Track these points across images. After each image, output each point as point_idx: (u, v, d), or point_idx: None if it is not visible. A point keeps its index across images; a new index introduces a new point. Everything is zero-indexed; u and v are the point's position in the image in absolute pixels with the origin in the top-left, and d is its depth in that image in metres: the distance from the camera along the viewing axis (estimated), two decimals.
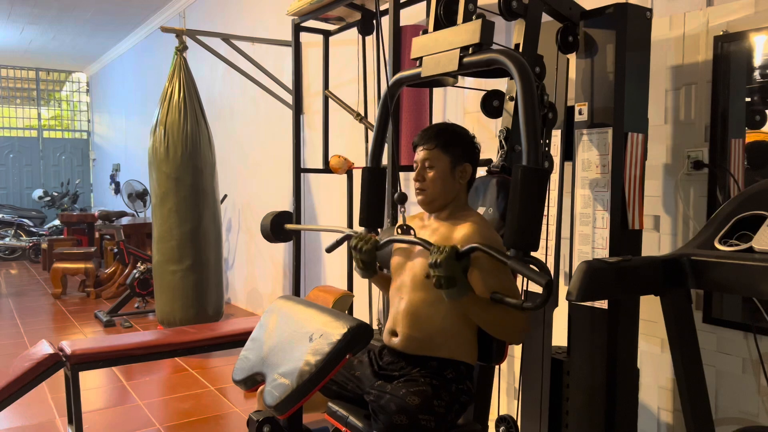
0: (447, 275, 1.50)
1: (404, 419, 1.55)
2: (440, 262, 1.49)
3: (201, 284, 4.37)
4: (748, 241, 1.48)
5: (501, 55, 1.51)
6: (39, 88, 11.97)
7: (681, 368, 1.61)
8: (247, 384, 1.72)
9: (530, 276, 1.37)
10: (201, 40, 4.19)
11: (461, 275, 1.53)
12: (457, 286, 1.52)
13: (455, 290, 1.52)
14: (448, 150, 1.73)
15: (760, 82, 1.94)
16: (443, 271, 1.50)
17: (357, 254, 1.80)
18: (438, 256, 1.50)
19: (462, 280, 1.53)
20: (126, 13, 7.81)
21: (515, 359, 2.67)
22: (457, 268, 1.51)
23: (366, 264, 1.81)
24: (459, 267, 1.52)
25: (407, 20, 3.22)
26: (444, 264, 1.49)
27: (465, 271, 1.54)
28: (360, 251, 1.79)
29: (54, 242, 7.54)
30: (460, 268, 1.52)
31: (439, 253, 1.50)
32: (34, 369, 2.50)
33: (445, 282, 1.51)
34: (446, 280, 1.51)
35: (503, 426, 2.19)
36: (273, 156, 5.28)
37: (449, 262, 1.50)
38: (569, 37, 1.90)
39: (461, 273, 1.53)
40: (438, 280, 1.52)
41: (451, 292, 1.53)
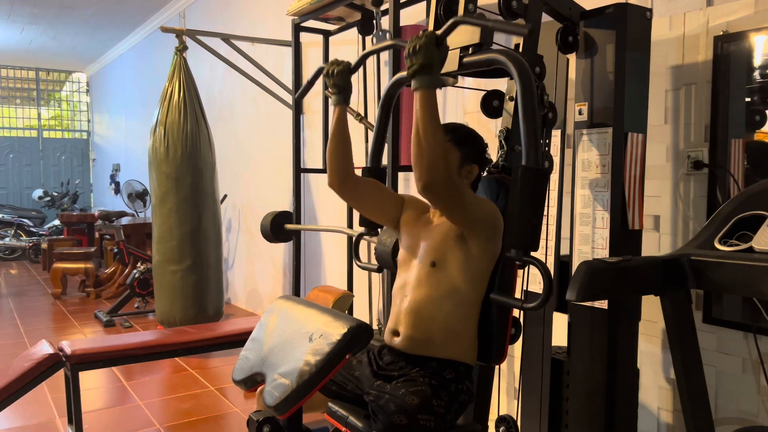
0: (424, 62, 1.46)
1: (403, 419, 1.55)
2: (419, 47, 1.45)
3: (201, 284, 4.37)
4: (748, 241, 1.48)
5: (501, 55, 1.51)
6: (39, 88, 11.98)
7: (681, 368, 1.61)
8: (247, 384, 1.72)
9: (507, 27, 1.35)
10: (201, 40, 4.19)
11: (438, 63, 1.48)
12: (433, 74, 1.47)
13: (428, 78, 1.47)
14: (461, 146, 1.73)
15: (760, 82, 1.94)
16: (421, 57, 1.45)
17: (330, 79, 1.76)
18: (417, 41, 1.46)
19: (438, 68, 1.48)
20: (126, 13, 7.81)
21: (515, 359, 2.67)
22: (436, 53, 1.46)
23: (340, 88, 1.77)
24: (437, 53, 1.47)
25: (407, 20, 3.22)
26: (423, 49, 1.45)
27: (442, 61, 1.50)
28: (332, 75, 1.76)
29: (54, 242, 7.54)
30: (438, 55, 1.47)
31: (419, 39, 1.46)
32: (34, 369, 2.50)
33: (421, 68, 1.46)
34: (422, 66, 1.46)
35: (503, 426, 2.19)
36: (273, 156, 5.28)
37: (428, 46, 1.45)
38: (569, 37, 1.90)
39: (438, 60, 1.48)
40: (414, 68, 1.46)
41: (425, 78, 1.47)
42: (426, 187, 1.51)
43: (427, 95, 1.48)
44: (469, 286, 1.67)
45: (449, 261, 1.67)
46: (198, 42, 4.19)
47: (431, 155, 1.48)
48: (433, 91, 1.49)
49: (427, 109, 1.48)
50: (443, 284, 1.67)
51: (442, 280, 1.67)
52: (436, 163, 1.48)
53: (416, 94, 1.49)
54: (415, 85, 1.48)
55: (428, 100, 1.48)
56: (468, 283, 1.67)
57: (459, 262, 1.66)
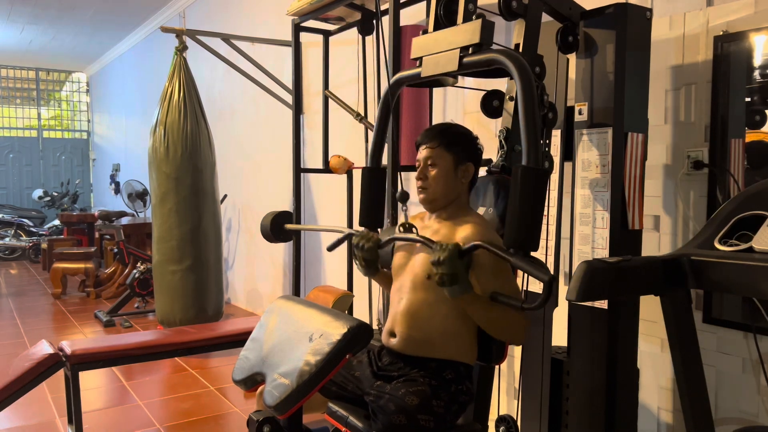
0: (449, 272, 1.50)
1: (403, 419, 1.55)
2: (443, 259, 1.50)
3: (201, 284, 4.37)
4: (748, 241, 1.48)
5: (501, 55, 1.51)
6: (39, 88, 11.97)
7: (681, 368, 1.61)
8: (247, 384, 1.72)
9: (533, 272, 1.37)
10: (201, 40, 4.19)
11: (464, 272, 1.53)
12: (459, 282, 1.52)
13: (457, 287, 1.53)
14: (451, 149, 1.73)
15: (760, 82, 1.94)
16: (446, 268, 1.50)
17: (359, 252, 1.80)
18: (441, 253, 1.50)
19: (464, 277, 1.53)
20: (126, 13, 7.81)
21: (515, 359, 2.67)
22: (460, 265, 1.51)
23: (368, 262, 1.81)
24: (461, 264, 1.52)
25: (407, 20, 3.22)
26: (447, 261, 1.49)
27: (467, 268, 1.55)
28: (362, 249, 1.79)
29: (54, 242, 7.54)
30: (463, 265, 1.52)
31: (442, 251, 1.51)
32: (34, 369, 2.50)
33: (447, 279, 1.51)
34: (449, 277, 1.51)
35: (503, 426, 2.19)
36: (273, 156, 5.28)
37: (452, 259, 1.50)
38: (569, 37, 1.90)
39: (464, 270, 1.53)
40: (441, 277, 1.52)
41: (454, 289, 1.53)
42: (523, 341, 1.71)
43: (465, 300, 1.57)
44: None
45: None
46: (198, 42, 4.19)
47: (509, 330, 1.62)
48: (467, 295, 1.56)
49: (474, 310, 1.60)
50: (439, 289, 1.67)
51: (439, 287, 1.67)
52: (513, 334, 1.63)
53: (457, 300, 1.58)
54: (450, 295, 1.56)
55: (469, 303, 1.58)
56: None
57: None
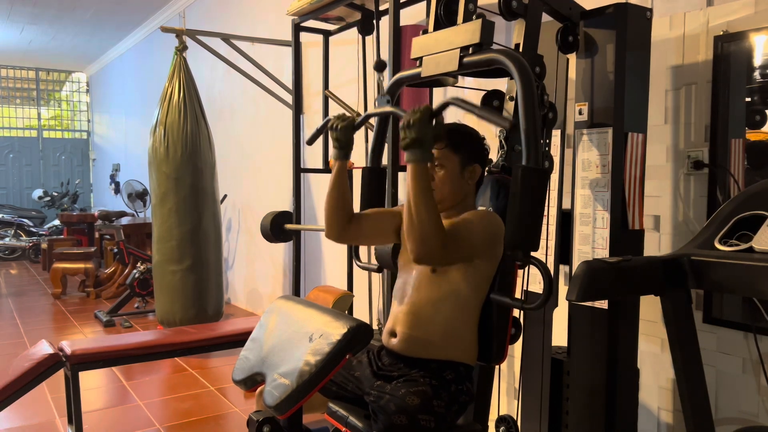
0: (417, 137, 1.49)
1: (404, 419, 1.55)
2: (413, 122, 1.48)
3: (201, 284, 4.37)
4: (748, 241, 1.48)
5: (501, 55, 1.51)
6: (39, 88, 11.97)
7: (681, 368, 1.61)
8: (247, 384, 1.72)
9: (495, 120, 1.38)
10: (201, 40, 4.19)
11: (431, 139, 1.51)
12: (424, 148, 1.50)
13: (419, 152, 1.50)
14: (459, 150, 1.73)
15: (760, 82, 1.94)
16: (414, 132, 1.48)
17: (333, 133, 1.78)
18: (411, 116, 1.49)
19: (430, 144, 1.51)
20: (126, 13, 7.81)
21: (515, 359, 2.67)
22: (429, 130, 1.50)
23: (341, 143, 1.78)
24: (431, 130, 1.50)
25: (407, 20, 3.22)
26: (417, 124, 1.48)
27: (434, 137, 1.53)
28: (336, 130, 1.77)
29: (54, 242, 7.54)
30: (432, 132, 1.51)
31: (413, 113, 1.49)
32: (34, 369, 2.50)
33: (413, 143, 1.49)
34: (416, 141, 1.49)
35: (503, 426, 2.19)
36: (273, 156, 5.28)
37: (422, 121, 1.48)
38: (569, 37, 1.90)
39: (431, 136, 1.51)
40: (407, 142, 1.49)
41: (415, 152, 1.50)
42: (419, 260, 1.54)
43: (418, 168, 1.51)
44: (471, 289, 1.67)
45: (450, 268, 1.67)
46: (198, 42, 4.19)
47: (423, 229, 1.50)
48: (425, 164, 1.52)
49: (419, 182, 1.51)
50: (444, 287, 1.67)
51: (443, 283, 1.67)
52: (429, 235, 1.50)
53: (408, 166, 1.52)
54: (408, 158, 1.51)
55: (420, 174, 1.51)
56: (470, 287, 1.67)
57: (461, 269, 1.66)
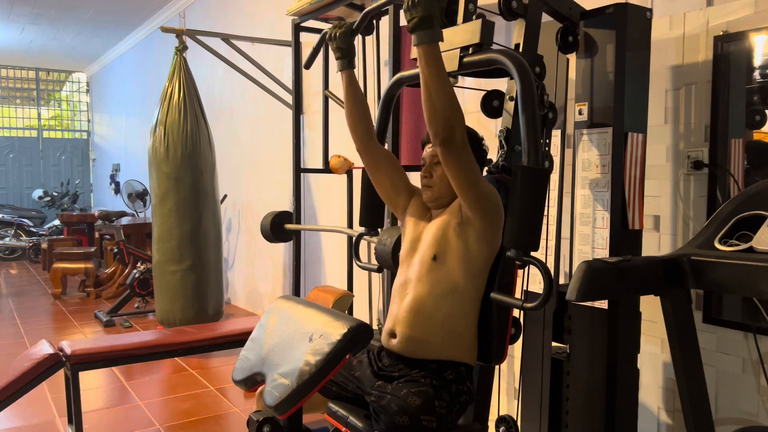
0: (424, 15, 1.42)
1: (406, 420, 1.55)
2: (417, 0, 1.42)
3: (201, 284, 4.37)
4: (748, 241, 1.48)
5: (501, 55, 1.51)
6: (39, 88, 11.97)
7: (681, 368, 1.61)
8: (247, 384, 1.72)
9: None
10: (201, 40, 4.19)
11: (438, 14, 1.44)
12: (433, 26, 1.44)
13: (430, 32, 1.44)
14: None
15: (760, 82, 1.94)
16: (420, 10, 1.42)
17: (333, 43, 1.74)
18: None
19: (438, 20, 1.45)
20: (126, 13, 7.81)
21: (515, 359, 2.67)
22: (435, 4, 1.43)
23: (342, 51, 1.74)
24: (437, 4, 1.44)
25: None
26: (422, 1, 1.42)
27: (442, 11, 1.48)
28: (335, 38, 1.74)
29: (54, 242, 7.54)
30: (438, 6, 1.44)
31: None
32: (34, 369, 2.50)
33: (420, 22, 1.43)
34: (422, 20, 1.42)
35: (503, 426, 2.19)
36: (273, 156, 5.28)
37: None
38: (569, 37, 1.90)
39: (438, 11, 1.45)
40: (414, 21, 1.43)
41: (426, 33, 1.44)
42: (444, 142, 1.49)
43: (430, 50, 1.44)
44: (469, 281, 1.66)
45: (449, 254, 1.67)
46: (198, 42, 4.19)
47: (445, 110, 1.46)
48: (436, 44, 1.45)
49: (433, 65, 1.45)
50: (444, 281, 1.67)
51: (443, 277, 1.67)
52: (451, 117, 1.46)
53: (419, 50, 1.45)
54: (416, 41, 1.44)
55: (432, 55, 1.45)
56: (467, 279, 1.66)
57: (458, 255, 1.66)
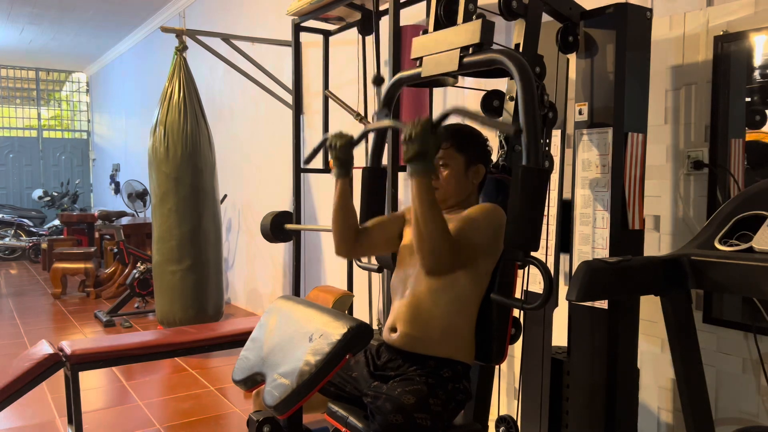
0: (420, 150, 1.48)
1: (400, 418, 1.55)
2: (415, 135, 1.47)
3: (201, 284, 4.37)
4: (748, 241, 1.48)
5: (501, 55, 1.51)
6: (39, 88, 11.97)
7: (681, 368, 1.61)
8: (247, 384, 1.72)
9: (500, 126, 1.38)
10: (201, 40, 4.19)
11: (433, 150, 1.50)
12: (427, 160, 1.50)
13: (423, 165, 1.50)
14: (463, 150, 1.73)
15: (760, 82, 1.94)
16: (417, 145, 1.48)
17: (332, 152, 1.77)
18: (412, 129, 1.48)
19: (432, 154, 1.51)
20: (126, 13, 7.81)
21: (515, 359, 2.67)
22: (431, 141, 1.49)
23: (341, 161, 1.77)
24: (433, 141, 1.49)
25: (407, 20, 3.22)
26: (418, 137, 1.47)
27: (437, 147, 1.52)
28: (335, 148, 1.76)
29: (54, 242, 7.54)
30: (434, 143, 1.50)
31: (414, 126, 1.48)
32: (34, 369, 2.50)
33: (415, 155, 1.48)
34: (419, 154, 1.48)
35: (503, 426, 2.19)
36: (273, 156, 5.28)
37: (424, 133, 1.47)
38: (569, 37, 1.90)
39: (434, 148, 1.50)
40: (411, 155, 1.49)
41: (418, 165, 1.49)
42: (430, 272, 1.58)
43: (422, 182, 1.51)
44: (469, 282, 1.67)
45: None
46: (198, 42, 4.19)
47: (432, 242, 1.52)
48: (429, 177, 1.52)
49: (424, 196, 1.52)
50: (443, 279, 1.67)
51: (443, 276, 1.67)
52: (438, 248, 1.53)
53: (412, 180, 1.52)
54: (410, 171, 1.51)
55: (424, 187, 1.52)
56: (469, 280, 1.67)
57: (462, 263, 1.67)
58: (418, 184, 1.51)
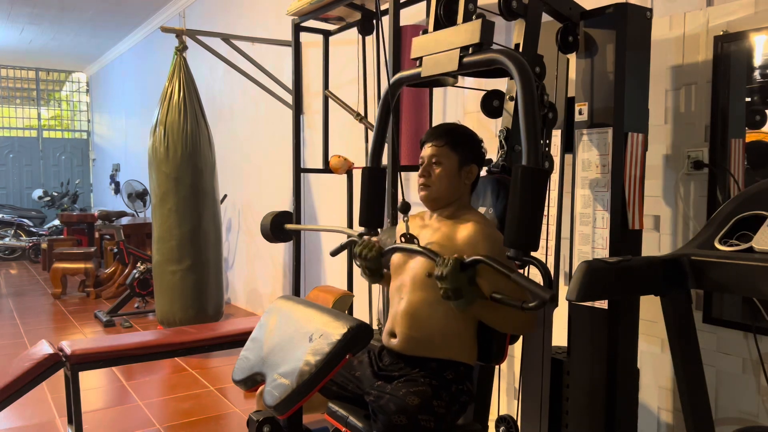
0: (453, 287, 1.53)
1: (404, 419, 1.55)
2: (445, 274, 1.52)
3: (201, 284, 4.37)
4: (748, 241, 1.47)
5: (501, 55, 1.51)
6: (39, 88, 11.97)
7: (681, 368, 1.61)
8: (247, 384, 1.72)
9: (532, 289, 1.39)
10: (201, 40, 4.19)
11: (467, 286, 1.55)
12: (464, 296, 1.55)
13: (463, 301, 1.55)
14: (457, 149, 1.73)
15: (760, 82, 1.94)
16: (449, 283, 1.52)
17: (362, 262, 1.82)
18: (443, 269, 1.52)
19: (468, 289, 1.55)
20: (126, 13, 7.81)
21: (515, 359, 2.67)
22: (463, 279, 1.54)
23: (372, 271, 1.83)
24: (465, 278, 1.54)
25: (407, 20, 3.22)
26: (449, 276, 1.51)
27: (471, 281, 1.57)
28: (365, 259, 1.80)
29: (54, 242, 7.53)
30: (466, 278, 1.55)
31: (444, 266, 1.52)
32: (34, 369, 2.50)
33: (452, 294, 1.53)
34: (453, 291, 1.53)
35: (503, 426, 2.19)
36: (273, 156, 5.28)
37: (454, 274, 1.52)
38: (569, 37, 1.90)
39: (467, 283, 1.55)
40: (445, 292, 1.54)
41: (460, 303, 1.56)
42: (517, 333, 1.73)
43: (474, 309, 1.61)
44: None
45: None
46: (198, 42, 4.19)
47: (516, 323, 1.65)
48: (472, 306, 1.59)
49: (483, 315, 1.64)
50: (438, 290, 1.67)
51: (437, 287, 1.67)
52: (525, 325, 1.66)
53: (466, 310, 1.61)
54: (456, 307, 1.60)
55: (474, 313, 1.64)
56: None
57: None
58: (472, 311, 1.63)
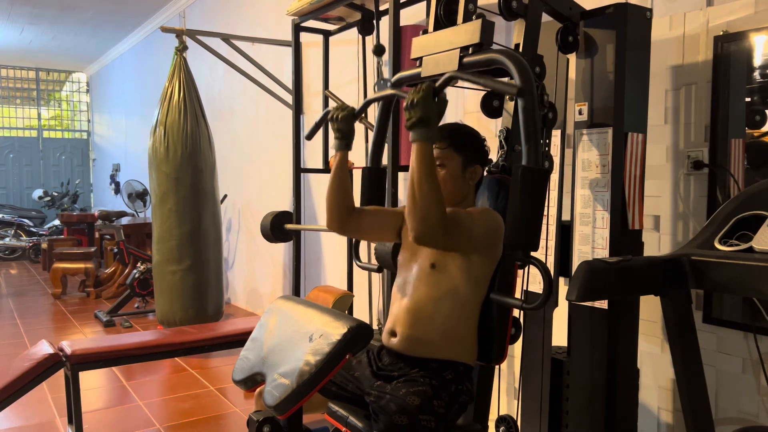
0: (422, 116, 1.48)
1: (405, 419, 1.55)
2: (417, 101, 1.48)
3: (201, 284, 4.37)
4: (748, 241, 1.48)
5: (501, 55, 1.51)
6: (39, 88, 11.97)
7: (681, 368, 1.61)
8: (247, 384, 1.72)
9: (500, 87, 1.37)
10: (201, 40, 4.19)
11: (436, 116, 1.50)
12: (430, 126, 1.49)
13: (426, 131, 1.49)
14: (461, 150, 1.73)
15: (760, 82, 1.94)
16: (419, 111, 1.47)
17: (334, 124, 1.78)
18: (415, 95, 1.48)
19: (435, 121, 1.50)
20: (126, 13, 7.81)
21: (515, 359, 2.67)
22: (433, 107, 1.49)
23: (342, 133, 1.78)
24: (435, 107, 1.49)
25: (407, 20, 3.21)
26: (421, 102, 1.47)
27: (439, 113, 1.52)
28: (337, 120, 1.77)
29: (54, 242, 7.53)
30: (436, 109, 1.50)
31: (416, 92, 1.48)
32: (34, 369, 2.50)
33: (418, 121, 1.48)
34: (420, 120, 1.48)
35: (503, 426, 2.19)
36: (273, 156, 5.28)
37: (426, 99, 1.47)
38: (569, 37, 1.90)
39: (436, 114, 1.50)
40: (412, 121, 1.49)
41: (421, 131, 1.49)
42: (419, 239, 1.52)
43: (423, 147, 1.50)
44: (470, 288, 1.67)
45: (449, 264, 1.68)
46: (198, 42, 4.19)
47: (425, 208, 1.49)
48: (430, 144, 1.51)
49: (423, 162, 1.50)
50: (443, 285, 1.67)
51: (443, 281, 1.67)
52: (431, 214, 1.49)
53: (413, 145, 1.51)
54: (413, 138, 1.50)
55: (425, 153, 1.50)
56: (469, 286, 1.67)
57: (459, 266, 1.67)
58: (419, 150, 1.50)
